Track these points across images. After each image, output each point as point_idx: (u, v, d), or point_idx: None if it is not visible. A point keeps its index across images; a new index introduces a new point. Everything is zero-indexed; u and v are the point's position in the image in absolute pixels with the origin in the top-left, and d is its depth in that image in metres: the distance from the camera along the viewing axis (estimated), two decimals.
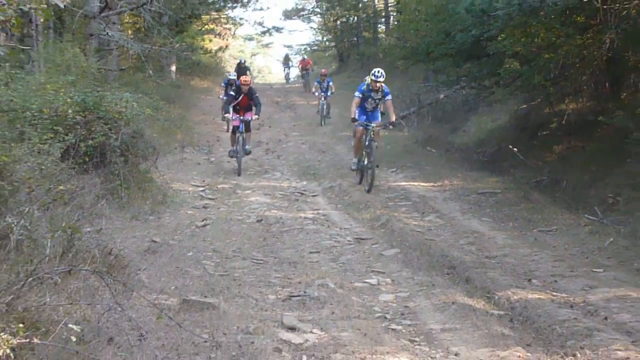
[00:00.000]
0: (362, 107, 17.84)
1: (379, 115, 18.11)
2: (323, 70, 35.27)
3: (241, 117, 20.72)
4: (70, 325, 6.17)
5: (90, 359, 6.22)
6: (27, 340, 5.65)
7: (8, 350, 5.36)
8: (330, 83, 32.77)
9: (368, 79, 17.79)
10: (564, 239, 12.68)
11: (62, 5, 4.59)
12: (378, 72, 17.49)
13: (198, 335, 7.45)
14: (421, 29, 22.20)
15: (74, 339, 6.03)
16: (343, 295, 9.65)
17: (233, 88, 22.29)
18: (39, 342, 5.81)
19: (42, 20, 15.28)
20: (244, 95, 20.82)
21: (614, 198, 13.97)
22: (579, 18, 16.16)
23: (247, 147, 20.82)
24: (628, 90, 17.08)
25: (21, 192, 8.99)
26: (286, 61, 56.61)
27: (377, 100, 17.87)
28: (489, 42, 17.84)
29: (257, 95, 21.03)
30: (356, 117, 17.54)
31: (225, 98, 25.17)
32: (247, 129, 20.89)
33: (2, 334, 5.46)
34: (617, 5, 15.00)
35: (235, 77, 27.38)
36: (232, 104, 20.80)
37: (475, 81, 21.68)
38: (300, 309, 9.03)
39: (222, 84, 29.33)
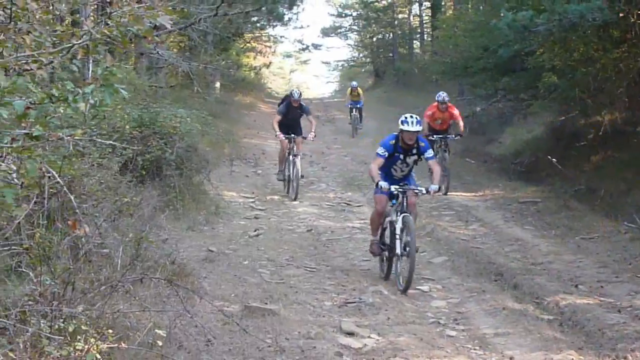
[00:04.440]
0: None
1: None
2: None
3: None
4: (156, 331, 6.50)
5: None
6: (116, 345, 6.00)
7: (98, 355, 5.70)
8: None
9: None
10: (605, 246, 12.94)
11: (169, 26, 4.93)
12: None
13: (262, 340, 7.81)
14: (460, 45, 22.52)
15: (160, 342, 6.39)
16: (396, 301, 10.01)
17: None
18: (126, 347, 6.18)
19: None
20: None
21: None
22: (615, 32, 16.41)
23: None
24: None
25: (88, 204, 9.31)
26: None
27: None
28: (528, 57, 18.15)
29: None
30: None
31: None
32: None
33: (90, 339, 5.81)
34: None
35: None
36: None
37: (513, 94, 21.94)
38: (357, 315, 9.37)
39: (279, 112, 18.73)
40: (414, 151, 11.21)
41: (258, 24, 38.72)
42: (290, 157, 18.09)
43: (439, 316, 9.50)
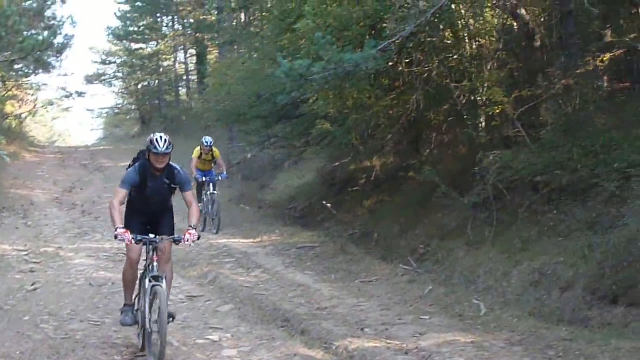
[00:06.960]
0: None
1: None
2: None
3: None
4: None
5: None
6: None
7: None
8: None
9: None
10: (385, 289, 13.41)
11: None
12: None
13: None
14: (233, 92, 22.71)
15: None
16: (187, 352, 9.98)
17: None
18: None
19: None
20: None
21: (424, 248, 14.87)
22: (385, 80, 17.05)
23: None
24: (427, 147, 18.19)
25: None
26: None
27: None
28: (302, 104, 18.58)
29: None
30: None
31: None
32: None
33: None
34: (419, 67, 16.05)
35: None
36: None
37: (286, 141, 22.34)
38: None
39: (124, 182, 9.86)
40: None
41: (20, 72, 37.83)
42: (147, 280, 9.52)
43: None
